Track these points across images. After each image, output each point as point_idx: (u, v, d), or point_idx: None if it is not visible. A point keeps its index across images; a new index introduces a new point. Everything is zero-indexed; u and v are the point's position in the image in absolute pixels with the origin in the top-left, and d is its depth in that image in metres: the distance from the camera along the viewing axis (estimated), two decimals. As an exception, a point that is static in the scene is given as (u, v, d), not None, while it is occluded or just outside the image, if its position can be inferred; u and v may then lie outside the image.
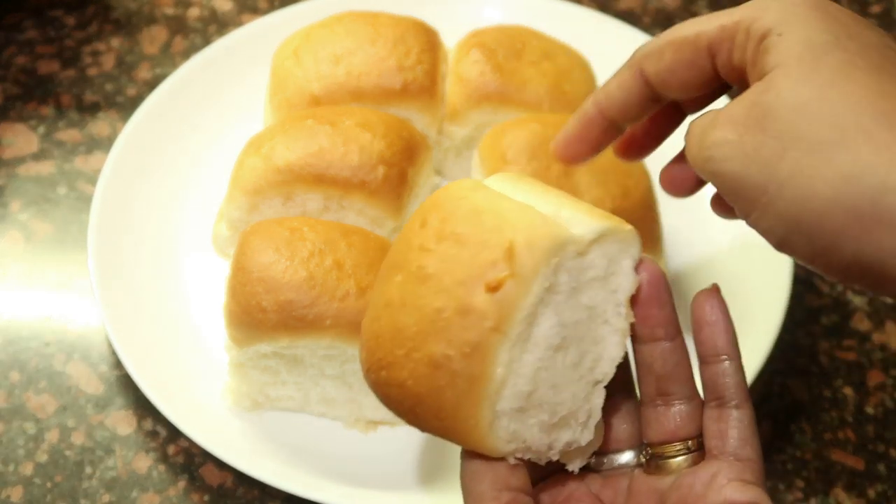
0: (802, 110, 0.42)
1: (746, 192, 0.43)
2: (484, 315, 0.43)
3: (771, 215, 0.43)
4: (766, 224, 0.43)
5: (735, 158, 0.43)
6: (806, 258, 0.43)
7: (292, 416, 0.71)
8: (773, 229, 0.43)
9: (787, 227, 0.42)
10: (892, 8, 1.05)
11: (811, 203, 0.41)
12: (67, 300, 0.79)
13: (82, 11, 0.98)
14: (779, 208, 0.42)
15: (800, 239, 0.42)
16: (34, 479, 0.70)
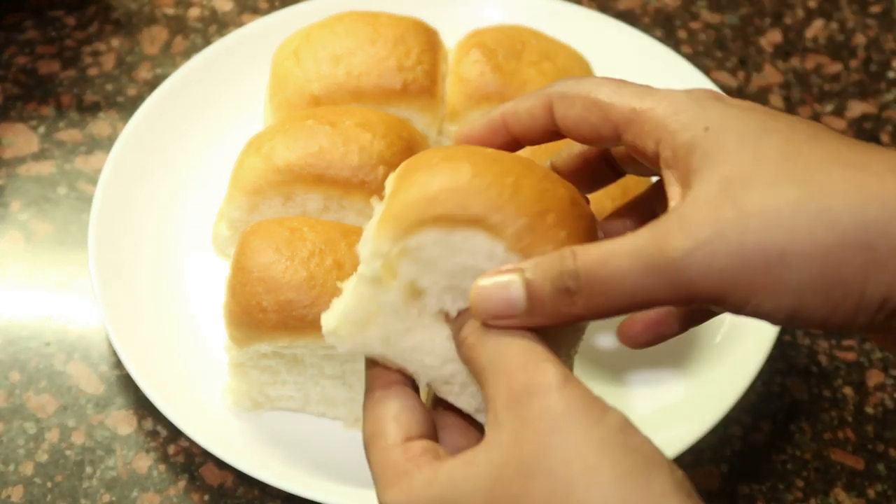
0: (774, 182, 0.41)
1: (743, 281, 0.41)
2: None
3: (778, 290, 0.41)
4: (772, 303, 0.41)
5: (721, 253, 0.41)
6: (821, 319, 0.41)
7: (292, 416, 0.71)
8: (782, 304, 0.41)
9: (797, 294, 0.41)
10: (891, 8, 1.05)
11: (821, 257, 0.40)
12: (67, 300, 0.79)
13: (83, 11, 0.98)
14: (787, 278, 0.40)
15: (814, 300, 0.41)
16: (34, 478, 0.70)
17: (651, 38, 0.93)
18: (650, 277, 0.41)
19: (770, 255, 0.40)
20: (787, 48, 1.01)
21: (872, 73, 0.99)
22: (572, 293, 0.42)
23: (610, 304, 0.42)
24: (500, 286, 0.44)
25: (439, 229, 0.45)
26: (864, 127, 0.94)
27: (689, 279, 0.41)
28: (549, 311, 0.43)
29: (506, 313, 0.43)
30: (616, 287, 0.42)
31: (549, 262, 0.43)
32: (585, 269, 0.42)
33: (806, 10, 1.04)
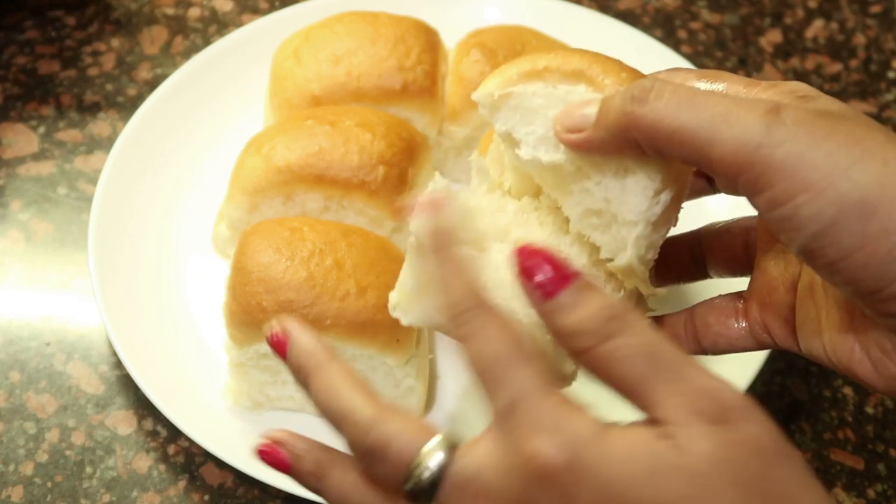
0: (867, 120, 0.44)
1: (803, 173, 0.41)
2: None
3: (826, 198, 0.41)
4: (813, 209, 0.42)
5: (800, 137, 0.42)
6: (844, 251, 0.42)
7: (292, 416, 0.71)
8: (821, 214, 0.42)
9: (839, 210, 0.41)
10: (891, 8, 1.05)
11: (879, 189, 0.41)
12: (67, 300, 0.79)
13: (83, 12, 0.98)
14: (839, 190, 0.41)
15: (852, 223, 0.41)
16: (34, 478, 0.70)
17: (651, 38, 0.93)
18: (723, 124, 0.43)
19: (838, 161, 0.41)
20: (787, 48, 1.01)
21: (872, 73, 0.99)
22: (640, 101, 0.44)
23: (675, 123, 0.43)
24: (580, 104, 0.48)
25: (543, 82, 0.50)
26: (864, 127, 0.94)
27: (758, 144, 0.42)
28: (612, 119, 0.46)
29: (578, 125, 0.47)
30: (688, 112, 0.43)
31: (631, 85, 0.46)
32: (663, 82, 0.44)
33: (806, 10, 1.04)
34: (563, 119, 0.48)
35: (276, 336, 0.49)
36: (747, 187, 0.43)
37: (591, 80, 0.49)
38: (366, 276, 0.67)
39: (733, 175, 0.43)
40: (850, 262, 0.42)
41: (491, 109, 0.52)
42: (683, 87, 0.44)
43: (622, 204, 0.48)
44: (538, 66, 0.50)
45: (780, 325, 0.52)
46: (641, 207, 0.48)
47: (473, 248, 0.51)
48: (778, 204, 0.42)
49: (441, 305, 0.45)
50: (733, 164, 0.42)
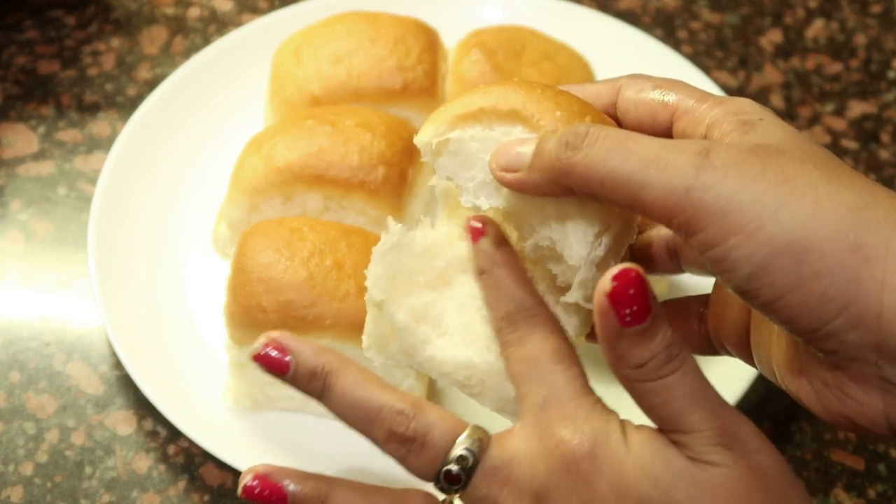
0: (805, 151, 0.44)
1: (733, 217, 0.42)
2: None
3: (756, 241, 0.42)
4: (745, 251, 0.42)
5: (729, 180, 0.42)
6: (778, 292, 0.42)
7: (292, 416, 0.71)
8: (753, 256, 0.42)
9: (771, 253, 0.42)
10: (891, 8, 1.05)
11: (809, 231, 0.41)
12: (67, 300, 0.79)
13: (82, 11, 0.98)
14: (769, 232, 0.41)
15: (784, 265, 0.42)
16: (34, 479, 0.70)
17: (651, 38, 0.93)
18: (652, 171, 0.43)
19: (767, 203, 0.42)
20: (788, 48, 1.01)
21: (872, 73, 0.99)
22: (575, 149, 0.44)
23: (605, 176, 0.44)
24: (516, 143, 0.47)
25: (480, 124, 0.49)
26: (864, 127, 0.94)
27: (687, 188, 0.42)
28: (546, 166, 0.46)
29: (512, 165, 0.47)
30: (619, 162, 0.44)
31: (566, 130, 0.46)
32: (595, 131, 0.44)
33: (806, 10, 1.04)
34: (497, 157, 0.48)
35: (269, 351, 0.50)
36: (681, 230, 0.43)
37: (527, 120, 0.48)
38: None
39: (666, 218, 0.43)
40: (784, 302, 0.42)
41: (432, 156, 0.51)
42: (615, 132, 0.45)
43: (564, 247, 0.48)
44: (473, 107, 0.49)
45: (735, 342, 0.53)
46: (583, 252, 0.48)
47: (437, 284, 0.52)
48: (710, 246, 0.42)
49: (492, 320, 0.48)
50: (664, 207, 0.43)
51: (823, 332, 0.43)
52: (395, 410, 0.48)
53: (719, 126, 0.47)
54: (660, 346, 0.43)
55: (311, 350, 0.50)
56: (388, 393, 0.49)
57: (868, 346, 0.42)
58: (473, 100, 0.49)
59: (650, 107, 0.50)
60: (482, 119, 0.49)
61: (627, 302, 0.42)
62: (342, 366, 0.49)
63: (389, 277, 0.51)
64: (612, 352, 0.43)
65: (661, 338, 0.43)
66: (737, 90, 0.96)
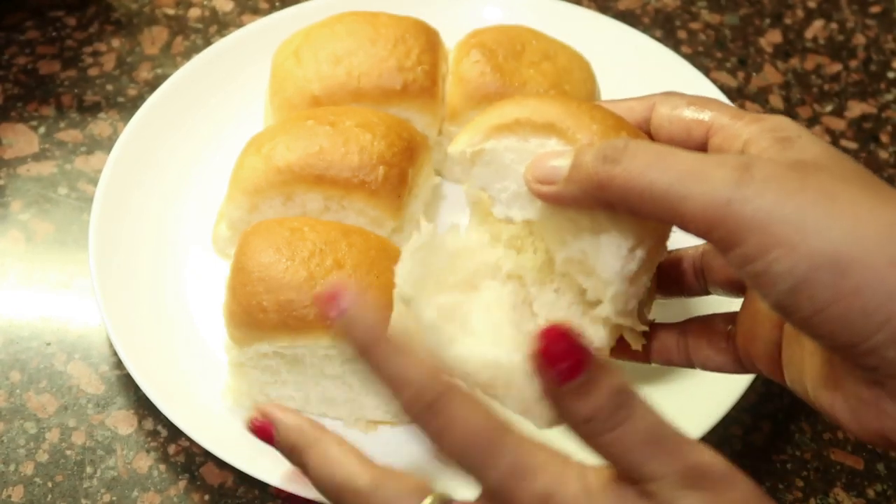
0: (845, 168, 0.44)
1: (775, 228, 0.42)
2: None
3: (798, 254, 0.41)
4: (786, 265, 0.41)
5: (769, 193, 0.42)
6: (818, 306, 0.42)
7: (292, 415, 0.71)
8: (794, 270, 0.41)
9: (811, 267, 0.41)
10: (891, 8, 1.05)
11: (850, 246, 0.41)
12: (68, 300, 0.79)
13: (83, 12, 0.98)
14: (811, 246, 0.41)
15: (825, 279, 0.41)
16: (35, 478, 0.70)
17: (651, 38, 0.93)
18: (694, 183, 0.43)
19: (809, 217, 0.41)
20: (787, 48, 1.01)
21: (872, 73, 0.99)
22: (613, 162, 0.44)
23: (645, 189, 0.43)
24: (552, 155, 0.47)
25: (515, 135, 0.49)
26: (863, 127, 0.94)
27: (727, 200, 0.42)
28: (584, 177, 0.45)
29: (549, 178, 0.46)
30: (658, 174, 0.43)
31: (601, 144, 0.45)
32: (632, 145, 0.44)
33: (806, 11, 1.04)
34: (533, 169, 0.47)
35: (257, 422, 0.51)
36: (720, 243, 0.43)
37: (563, 133, 0.48)
38: (366, 276, 0.67)
39: (705, 231, 0.43)
40: (824, 316, 0.42)
41: (465, 167, 0.51)
42: (653, 146, 0.44)
43: (597, 260, 0.48)
44: (508, 118, 0.49)
45: (766, 361, 0.52)
46: (616, 267, 0.47)
47: (465, 287, 0.51)
48: (750, 260, 0.42)
49: (396, 406, 0.44)
50: (704, 220, 0.42)
51: (864, 347, 0.42)
52: (354, 490, 0.47)
53: (756, 143, 0.47)
54: (602, 398, 0.41)
55: (290, 422, 0.50)
56: (353, 467, 0.47)
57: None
58: (509, 111, 0.49)
59: (685, 123, 0.50)
60: (517, 130, 0.49)
61: (557, 359, 0.41)
62: (313, 441, 0.49)
63: (419, 275, 0.49)
64: (558, 409, 0.42)
65: (604, 389, 0.41)
66: (736, 90, 0.96)
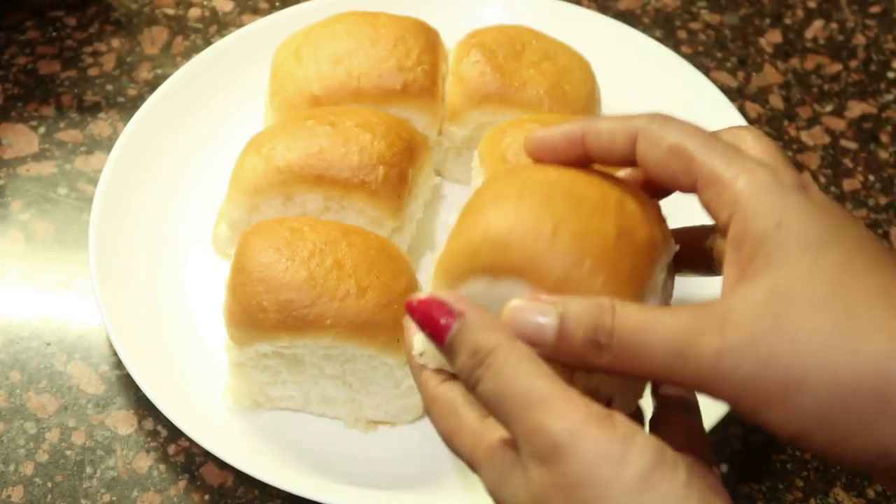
0: (818, 307, 0.42)
1: (759, 393, 0.42)
2: None
3: (788, 411, 0.42)
4: (780, 420, 0.42)
5: (747, 362, 0.42)
6: (822, 448, 0.42)
7: (292, 416, 0.71)
8: (789, 424, 0.42)
9: (804, 420, 0.42)
10: (891, 8, 1.05)
11: (834, 395, 0.41)
12: (68, 300, 0.79)
13: (83, 12, 0.98)
14: (798, 404, 0.41)
15: (818, 431, 0.41)
16: (35, 478, 0.70)
17: (651, 38, 0.93)
18: (678, 362, 0.43)
19: (789, 380, 0.41)
20: (787, 48, 1.01)
21: (872, 73, 0.99)
22: (601, 348, 0.43)
23: (633, 370, 0.44)
24: (535, 310, 0.44)
25: (485, 279, 0.46)
26: (863, 127, 0.94)
27: (713, 377, 0.42)
28: (574, 354, 0.44)
29: (535, 339, 0.44)
30: (644, 358, 0.43)
31: (587, 311, 0.44)
32: (619, 332, 0.43)
33: (806, 10, 1.04)
34: (516, 326, 0.45)
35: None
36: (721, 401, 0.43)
37: (529, 277, 0.45)
38: (366, 276, 0.67)
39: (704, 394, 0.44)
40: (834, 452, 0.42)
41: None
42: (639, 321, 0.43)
43: None
44: (476, 264, 0.46)
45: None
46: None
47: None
48: (750, 416, 0.43)
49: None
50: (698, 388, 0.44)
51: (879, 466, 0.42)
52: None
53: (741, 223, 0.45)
54: (463, 357, 0.44)
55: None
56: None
57: None
58: (472, 253, 0.46)
59: (670, 170, 0.48)
60: (485, 274, 0.46)
61: (423, 323, 0.45)
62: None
63: None
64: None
65: (464, 348, 0.44)
66: (736, 90, 0.96)
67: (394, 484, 0.68)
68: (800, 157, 0.91)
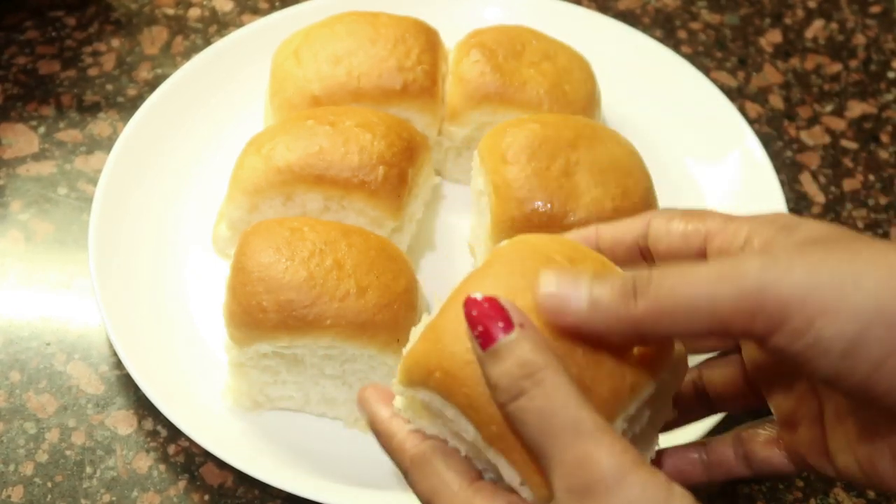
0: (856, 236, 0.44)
1: (815, 296, 0.41)
2: None
3: (845, 314, 0.41)
4: (836, 327, 0.41)
5: (797, 268, 0.41)
6: (875, 362, 0.41)
7: (292, 416, 0.71)
8: (844, 331, 0.41)
9: (861, 324, 0.41)
10: (891, 8, 1.05)
11: (893, 296, 0.41)
12: (67, 300, 0.79)
13: (83, 12, 0.98)
14: (854, 304, 0.41)
15: (877, 332, 0.41)
16: (35, 478, 0.70)
17: (651, 38, 0.93)
18: (721, 287, 0.42)
19: (844, 277, 0.41)
20: (787, 48, 1.01)
21: (872, 73, 0.99)
22: (637, 294, 0.43)
23: (673, 309, 0.43)
24: (559, 281, 0.44)
25: (438, 394, 0.46)
26: (863, 127, 0.94)
27: (759, 292, 0.41)
28: (610, 315, 0.43)
29: (565, 308, 0.44)
30: (687, 289, 0.42)
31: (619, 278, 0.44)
32: (658, 275, 0.43)
33: (806, 10, 1.04)
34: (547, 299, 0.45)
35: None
36: (764, 331, 0.42)
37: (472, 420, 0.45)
38: (366, 276, 0.67)
39: (747, 325, 0.42)
40: (883, 372, 0.41)
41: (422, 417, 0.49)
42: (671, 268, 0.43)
43: None
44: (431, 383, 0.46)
45: (816, 455, 0.51)
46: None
47: None
48: (798, 336, 0.42)
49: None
50: (743, 314, 0.42)
51: None
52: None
53: (759, 234, 0.47)
54: (508, 367, 0.42)
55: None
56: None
57: None
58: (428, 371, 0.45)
59: (681, 234, 0.49)
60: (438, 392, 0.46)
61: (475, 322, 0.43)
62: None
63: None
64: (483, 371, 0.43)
65: (513, 358, 0.42)
66: (736, 90, 0.96)
67: (393, 484, 0.68)
68: (800, 157, 0.91)
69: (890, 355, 0.41)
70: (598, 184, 0.72)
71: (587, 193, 0.72)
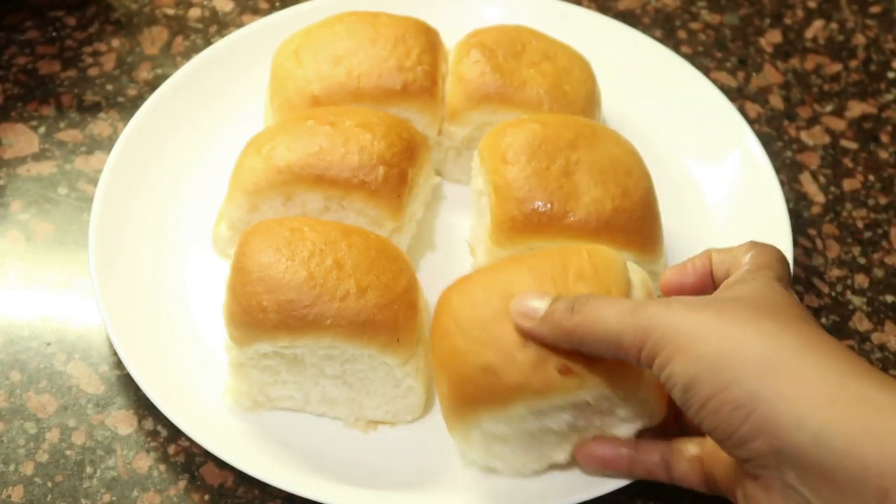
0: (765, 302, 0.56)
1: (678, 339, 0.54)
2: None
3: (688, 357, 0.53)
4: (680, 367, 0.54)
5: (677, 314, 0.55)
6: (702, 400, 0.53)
7: (292, 416, 0.71)
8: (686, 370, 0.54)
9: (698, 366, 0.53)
10: (891, 8, 1.05)
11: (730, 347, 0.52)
12: (67, 300, 0.79)
13: (83, 12, 0.98)
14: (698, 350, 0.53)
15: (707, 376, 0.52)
16: (35, 478, 0.70)
17: (651, 39, 0.93)
18: (627, 318, 0.55)
19: (702, 329, 0.53)
20: (787, 48, 1.01)
21: (872, 73, 0.99)
22: (573, 311, 0.58)
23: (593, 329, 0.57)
24: (532, 295, 0.60)
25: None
26: (863, 127, 0.94)
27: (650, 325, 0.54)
28: (555, 321, 0.58)
29: (527, 315, 0.59)
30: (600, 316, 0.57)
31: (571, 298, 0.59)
32: (588, 300, 0.58)
33: (806, 10, 1.04)
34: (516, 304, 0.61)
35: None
36: (647, 358, 0.54)
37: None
38: (366, 276, 0.67)
39: (638, 352, 0.55)
40: (706, 411, 0.51)
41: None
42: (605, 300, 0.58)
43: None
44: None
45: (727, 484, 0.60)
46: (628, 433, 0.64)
47: None
48: (663, 367, 0.53)
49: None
50: (636, 343, 0.55)
51: (736, 438, 0.50)
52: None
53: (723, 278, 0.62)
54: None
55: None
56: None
57: (771, 451, 0.49)
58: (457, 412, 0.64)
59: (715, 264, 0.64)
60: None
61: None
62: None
63: None
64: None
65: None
66: (736, 90, 0.96)
67: (393, 484, 0.68)
68: (800, 157, 0.91)
69: (713, 397, 0.51)
70: (598, 184, 0.72)
71: (587, 193, 0.72)
